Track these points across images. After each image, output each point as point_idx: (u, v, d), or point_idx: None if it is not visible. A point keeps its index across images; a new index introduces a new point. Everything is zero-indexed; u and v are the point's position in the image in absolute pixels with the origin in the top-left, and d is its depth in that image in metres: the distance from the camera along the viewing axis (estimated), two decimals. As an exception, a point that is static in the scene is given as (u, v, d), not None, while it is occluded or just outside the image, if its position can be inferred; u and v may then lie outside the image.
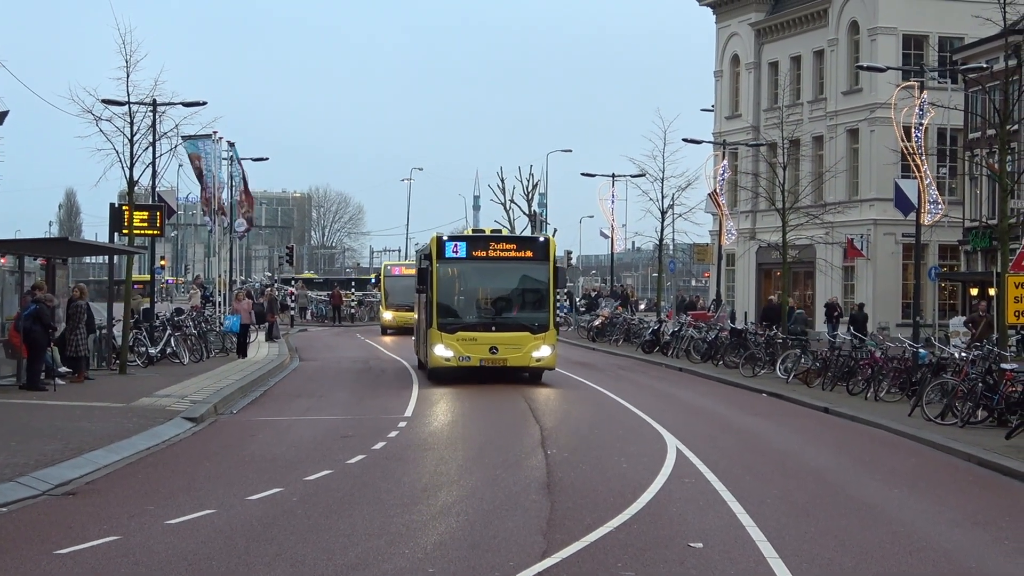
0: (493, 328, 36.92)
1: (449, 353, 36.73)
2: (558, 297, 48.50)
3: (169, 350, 42.45)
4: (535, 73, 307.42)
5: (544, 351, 36.97)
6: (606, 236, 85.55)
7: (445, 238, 38.22)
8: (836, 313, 58.04)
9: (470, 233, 40.71)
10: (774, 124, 63.82)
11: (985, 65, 50.88)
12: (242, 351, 47.27)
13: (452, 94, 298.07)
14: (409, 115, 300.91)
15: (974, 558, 14.81)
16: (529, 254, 37.67)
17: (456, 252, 37.53)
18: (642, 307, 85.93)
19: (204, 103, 42.68)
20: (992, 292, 52.14)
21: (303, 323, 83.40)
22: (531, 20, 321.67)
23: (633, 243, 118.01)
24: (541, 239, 39.25)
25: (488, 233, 40.25)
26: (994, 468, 22.23)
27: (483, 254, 37.62)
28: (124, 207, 40.29)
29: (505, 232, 52.31)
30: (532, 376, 38.23)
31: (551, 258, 37.54)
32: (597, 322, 64.79)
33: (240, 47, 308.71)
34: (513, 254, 37.76)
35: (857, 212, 68.56)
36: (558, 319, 42.11)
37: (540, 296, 37.65)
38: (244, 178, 63.53)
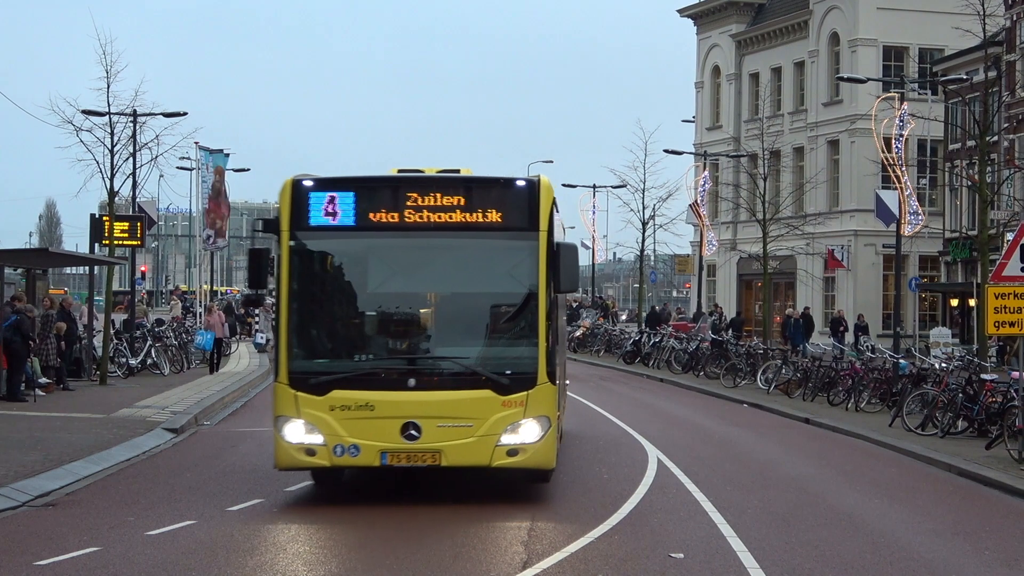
0: (412, 381, 17.79)
1: (314, 438, 17.72)
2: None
3: (150, 361, 42.33)
4: (517, 84, 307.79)
5: (528, 430, 17.84)
6: (587, 247, 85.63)
7: (309, 184, 18.28)
8: (842, 327, 57.97)
9: (372, 175, 19.91)
10: (755, 135, 64.12)
11: (965, 77, 51.13)
12: (213, 367, 44.97)
13: (434, 105, 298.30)
14: (390, 125, 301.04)
15: (954, 569, 14.83)
16: (495, 216, 18.23)
17: (334, 215, 18.16)
18: (623, 318, 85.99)
19: (184, 114, 42.65)
20: (972, 303, 52.37)
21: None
22: (512, 32, 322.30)
23: (614, 254, 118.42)
24: (521, 183, 18.47)
25: (407, 173, 19.33)
26: (974, 478, 22.27)
27: (393, 218, 18.19)
28: (104, 218, 40.23)
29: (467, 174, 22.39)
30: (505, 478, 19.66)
31: (544, 225, 18.11)
32: (578, 332, 64.85)
33: (223, 56, 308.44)
34: (459, 217, 18.18)
35: (837, 223, 68.70)
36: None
37: (519, 310, 18.18)
38: (214, 187, 61.88)
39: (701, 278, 67.90)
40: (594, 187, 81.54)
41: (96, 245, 41.88)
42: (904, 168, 47.74)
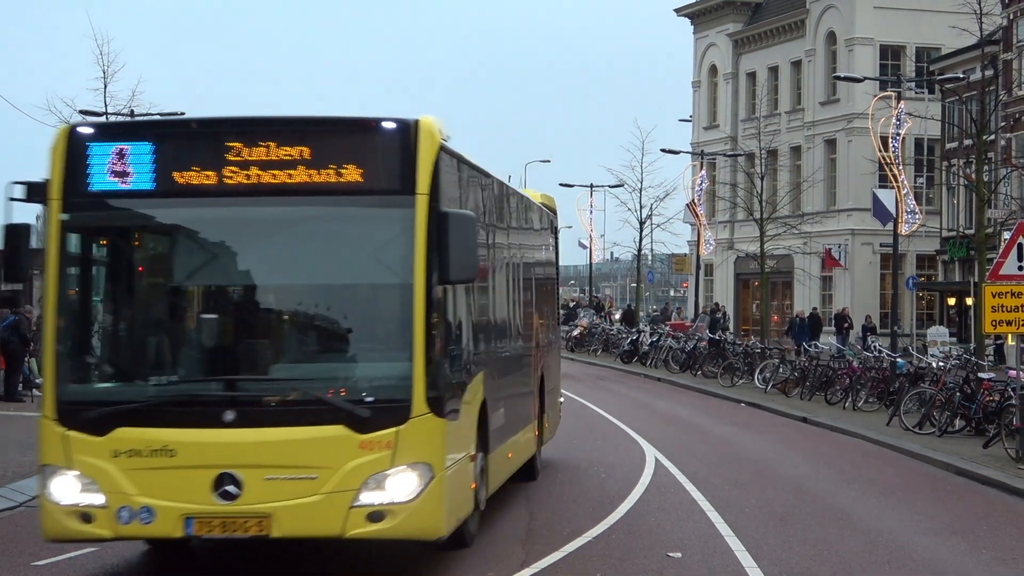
0: (229, 415, 12.66)
1: (92, 498, 12.61)
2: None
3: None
4: (514, 84, 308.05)
5: (398, 484, 12.64)
6: (584, 246, 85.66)
7: (89, 132, 13.42)
8: (846, 325, 57.95)
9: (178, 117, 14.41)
10: (752, 134, 64.08)
11: (962, 76, 51.13)
12: None
13: (432, 104, 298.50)
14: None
15: (952, 567, 14.84)
16: (353, 174, 12.91)
17: (124, 176, 13.04)
18: (617, 316, 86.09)
19: (182, 114, 42.61)
20: (969, 301, 52.40)
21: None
22: (510, 31, 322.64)
23: (611, 253, 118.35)
24: (388, 127, 13.00)
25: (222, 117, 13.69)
26: (972, 477, 22.28)
27: (207, 178, 12.96)
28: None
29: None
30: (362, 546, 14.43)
31: (423, 186, 12.88)
32: (575, 332, 64.85)
33: (221, 55, 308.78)
34: (302, 176, 12.88)
35: (835, 222, 68.70)
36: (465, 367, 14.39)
37: (387, 309, 13.35)
38: None
39: (699, 277, 67.90)
40: (591, 186, 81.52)
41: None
42: (901, 167, 47.73)
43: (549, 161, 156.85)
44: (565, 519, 17.03)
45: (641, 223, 68.42)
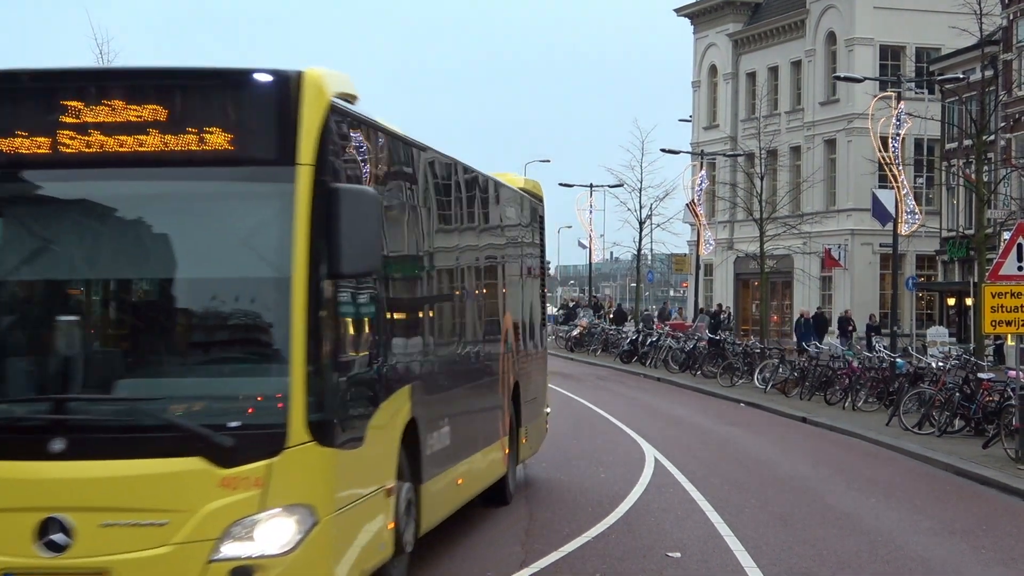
0: (58, 444, 9.76)
1: None
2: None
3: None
4: (514, 84, 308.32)
5: (270, 532, 9.77)
6: (584, 246, 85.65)
7: None
8: (850, 328, 57.92)
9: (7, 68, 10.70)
10: (752, 134, 64.08)
11: (962, 76, 51.12)
12: None
13: (431, 104, 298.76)
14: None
15: (951, 567, 14.84)
16: (219, 140, 10.04)
17: None
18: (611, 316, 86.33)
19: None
20: (969, 302, 52.42)
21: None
22: (510, 31, 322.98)
23: (611, 253, 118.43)
24: (263, 80, 10.17)
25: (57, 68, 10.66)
26: (971, 477, 22.28)
27: (38, 146, 10.09)
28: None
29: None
30: None
31: (307, 155, 10.02)
32: (575, 332, 64.86)
33: (219, 54, 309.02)
34: (156, 143, 9.99)
35: (834, 222, 68.70)
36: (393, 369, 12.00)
37: (258, 310, 10.45)
38: None
39: (698, 277, 67.88)
40: (591, 186, 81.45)
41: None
42: (901, 167, 47.70)
43: (549, 161, 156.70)
44: (565, 519, 17.01)
45: (641, 223, 68.41)
